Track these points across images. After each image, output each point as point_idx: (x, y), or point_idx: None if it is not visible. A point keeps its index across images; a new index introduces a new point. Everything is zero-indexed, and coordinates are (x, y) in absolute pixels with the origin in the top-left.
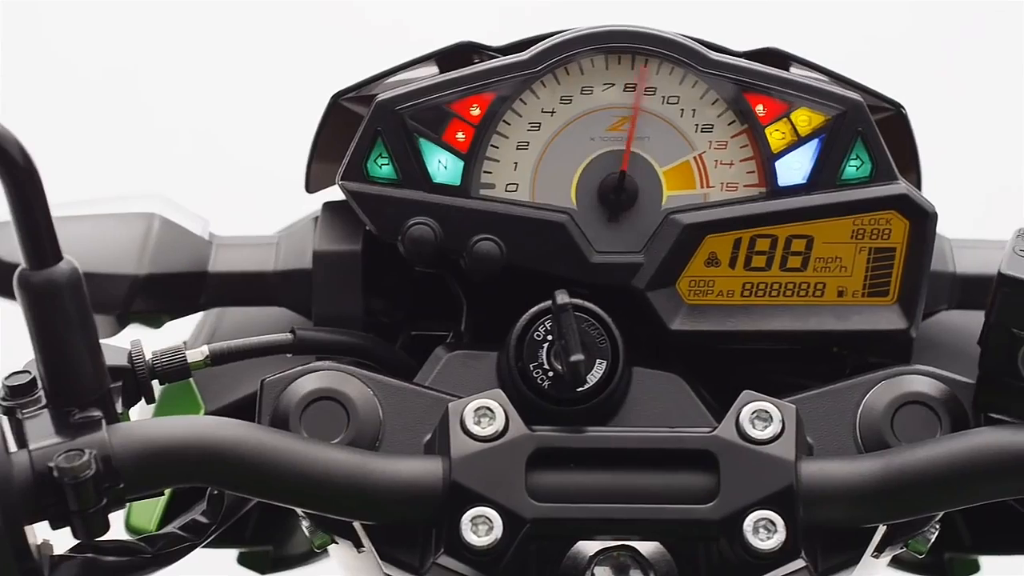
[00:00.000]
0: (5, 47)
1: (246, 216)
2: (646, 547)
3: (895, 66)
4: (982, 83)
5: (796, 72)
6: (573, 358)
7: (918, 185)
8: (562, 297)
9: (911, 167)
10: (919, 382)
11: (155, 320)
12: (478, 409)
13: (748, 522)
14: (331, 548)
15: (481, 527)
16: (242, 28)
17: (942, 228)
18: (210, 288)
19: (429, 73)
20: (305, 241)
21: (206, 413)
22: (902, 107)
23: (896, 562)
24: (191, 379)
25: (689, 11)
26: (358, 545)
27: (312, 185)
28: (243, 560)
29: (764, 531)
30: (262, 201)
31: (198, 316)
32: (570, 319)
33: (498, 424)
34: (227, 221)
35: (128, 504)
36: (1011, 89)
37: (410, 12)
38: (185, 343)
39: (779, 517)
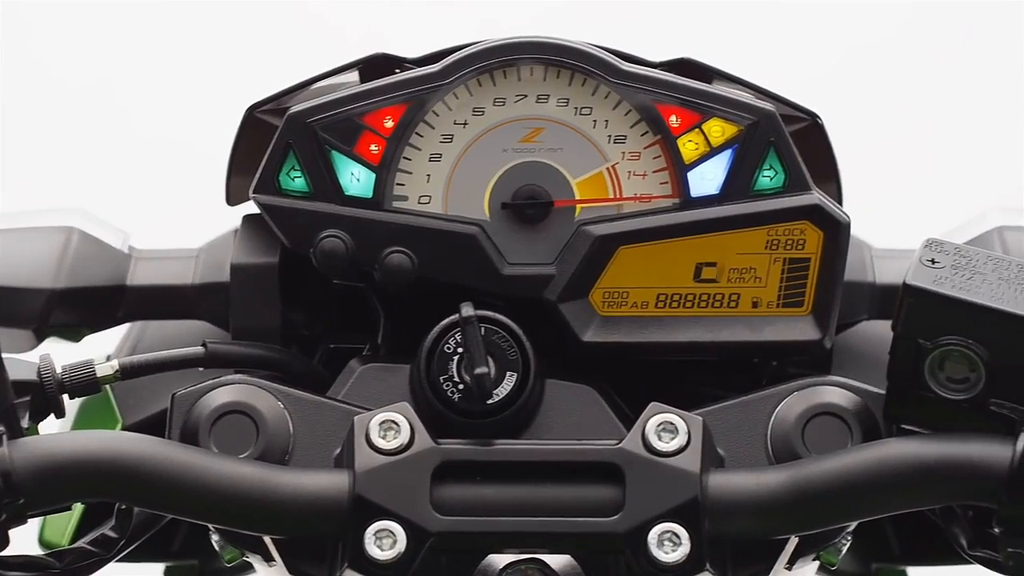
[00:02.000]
0: None
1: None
2: (556, 560)
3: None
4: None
5: (717, 83)
6: (477, 371)
7: (839, 194)
8: (467, 310)
9: (830, 177)
10: (831, 393)
11: (75, 334)
12: (383, 422)
13: (652, 535)
14: (256, 562)
15: (385, 541)
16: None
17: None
18: (128, 302)
19: (347, 84)
20: (224, 254)
21: (124, 427)
22: (818, 117)
23: (824, 572)
24: (109, 393)
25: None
26: (268, 559)
27: (232, 198)
28: (169, 574)
29: (669, 544)
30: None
31: (124, 328)
32: (474, 331)
33: (403, 437)
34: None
35: (43, 519)
36: (1011, 90)
37: (387, 24)
38: (109, 356)
39: (684, 530)
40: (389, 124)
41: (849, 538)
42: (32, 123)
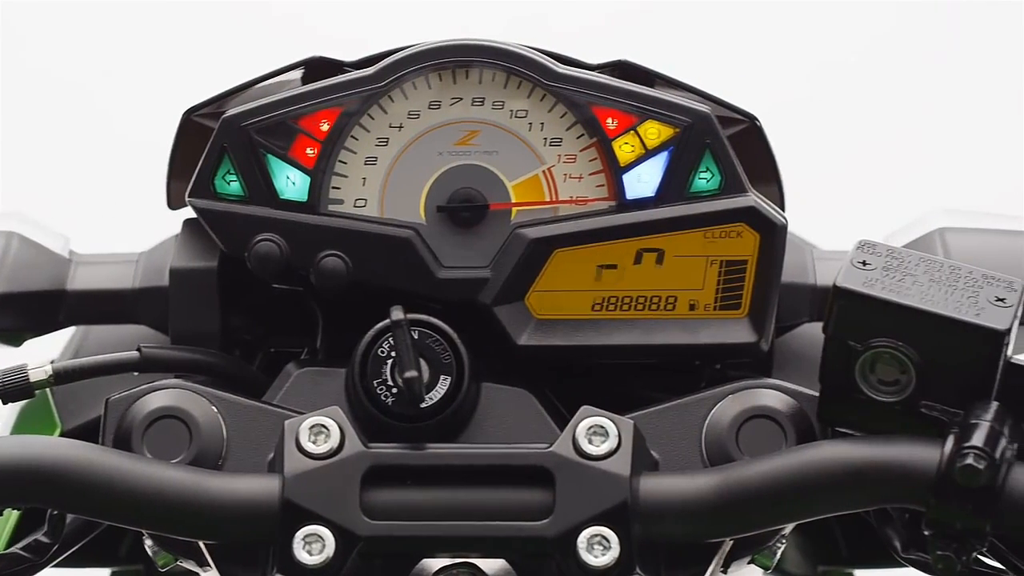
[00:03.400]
0: None
1: None
2: (490, 564)
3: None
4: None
5: (659, 86)
6: (407, 374)
7: (780, 196)
8: (396, 313)
9: (770, 179)
10: (766, 396)
11: (15, 338)
12: (313, 427)
13: (582, 539)
14: (190, 566)
15: (314, 545)
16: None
17: None
18: (68, 306)
19: (288, 87)
20: (164, 258)
21: (63, 432)
22: (756, 119)
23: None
24: (49, 398)
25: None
26: (202, 564)
27: (173, 202)
28: None
29: (599, 547)
30: None
31: (69, 333)
32: (404, 335)
33: (333, 441)
34: None
35: None
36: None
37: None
38: (52, 361)
39: (613, 533)
40: (324, 127)
41: (784, 541)
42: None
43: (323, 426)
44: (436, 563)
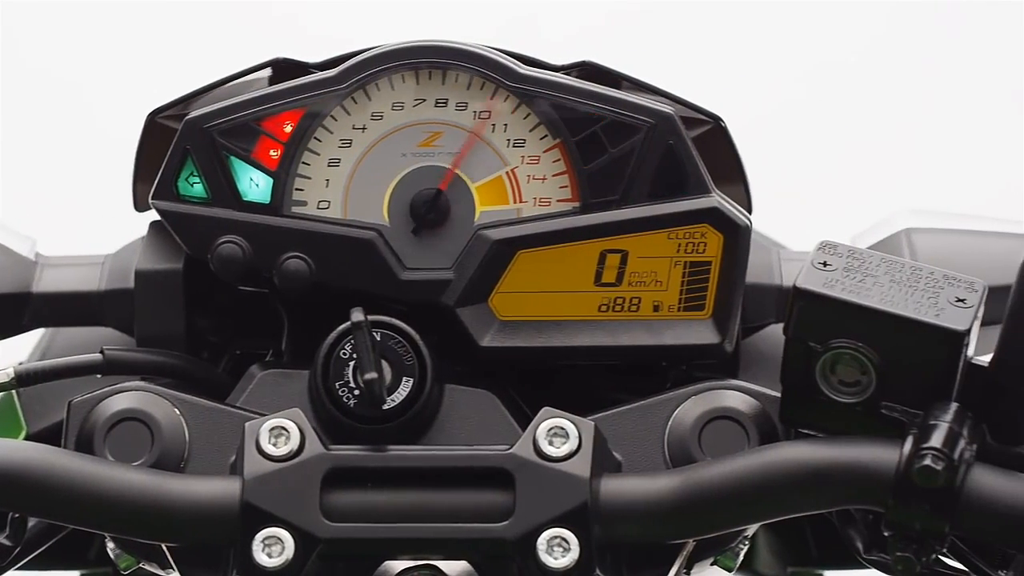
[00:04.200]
0: None
1: None
2: (452, 566)
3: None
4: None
5: (622, 86)
6: (367, 376)
7: (747, 197)
8: (356, 315)
9: (736, 179)
10: (729, 397)
11: None
12: (273, 429)
13: (542, 540)
14: (153, 569)
15: (273, 548)
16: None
17: None
18: (34, 308)
19: (254, 88)
20: (130, 260)
21: (28, 435)
22: (721, 120)
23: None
24: (15, 400)
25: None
26: (165, 567)
27: (139, 204)
28: None
29: (558, 549)
30: None
31: (38, 335)
32: (364, 337)
33: (293, 443)
34: None
35: None
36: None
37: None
38: (21, 363)
39: (573, 535)
40: (288, 129)
41: (747, 542)
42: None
43: (283, 428)
44: (399, 565)
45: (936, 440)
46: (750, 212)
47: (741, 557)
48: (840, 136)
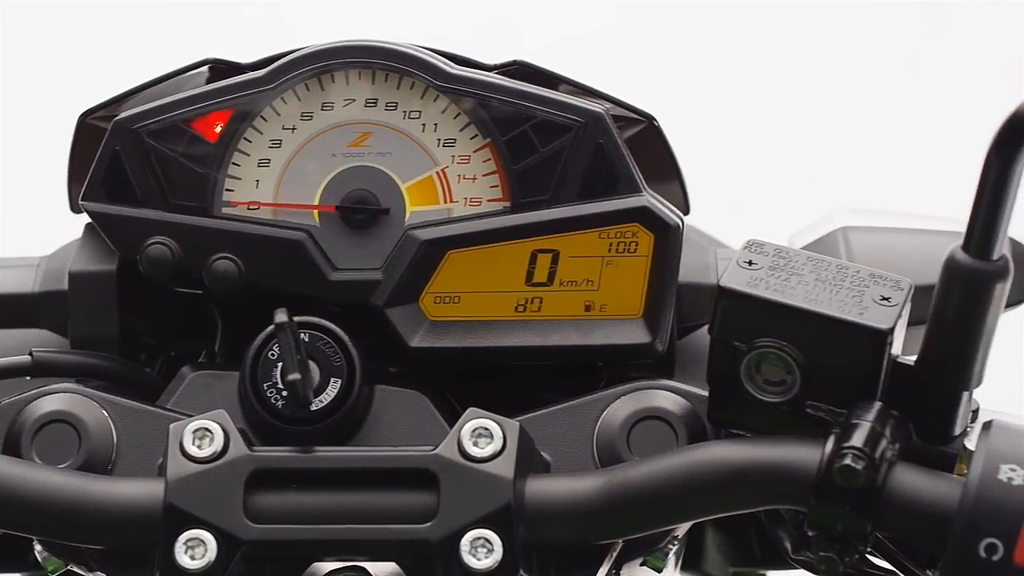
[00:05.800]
0: None
1: None
2: (381, 568)
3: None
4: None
5: (557, 86)
6: (290, 377)
7: (683, 196)
8: (280, 316)
9: (671, 178)
10: (658, 397)
11: None
12: (197, 430)
13: (465, 541)
14: (81, 571)
15: (196, 550)
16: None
17: None
18: None
19: (190, 87)
20: (65, 262)
21: None
22: (654, 119)
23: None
24: None
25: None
26: (91, 569)
27: (74, 205)
28: None
29: (482, 550)
30: None
31: None
32: (288, 338)
33: (216, 445)
34: None
35: None
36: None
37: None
38: None
39: (496, 536)
40: (217, 130)
41: (676, 543)
42: None
43: (207, 429)
44: (326, 567)
45: (857, 439)
46: (687, 211)
47: (671, 557)
48: (809, 138)
